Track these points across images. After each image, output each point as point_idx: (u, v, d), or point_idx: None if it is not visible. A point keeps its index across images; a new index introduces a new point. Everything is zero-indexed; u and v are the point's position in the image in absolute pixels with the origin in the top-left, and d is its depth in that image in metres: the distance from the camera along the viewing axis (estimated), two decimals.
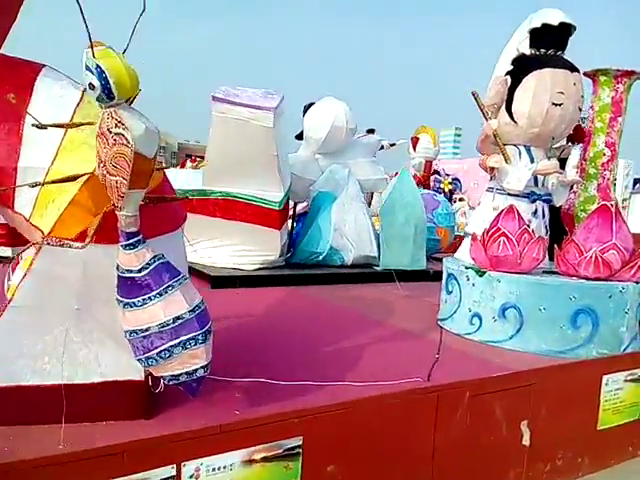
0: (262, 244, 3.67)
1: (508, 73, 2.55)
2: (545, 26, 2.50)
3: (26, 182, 1.34)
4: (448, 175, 7.65)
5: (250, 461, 1.48)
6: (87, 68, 1.17)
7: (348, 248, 4.04)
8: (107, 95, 1.18)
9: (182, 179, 3.86)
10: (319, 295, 3.36)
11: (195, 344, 1.34)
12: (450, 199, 6.73)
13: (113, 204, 1.28)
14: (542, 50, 2.51)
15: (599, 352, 2.26)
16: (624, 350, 2.32)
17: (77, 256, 1.34)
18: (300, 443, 1.55)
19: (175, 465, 1.37)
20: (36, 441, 1.29)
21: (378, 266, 4.07)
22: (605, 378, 2.25)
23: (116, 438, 1.32)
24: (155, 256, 1.34)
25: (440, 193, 6.34)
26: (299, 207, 4.55)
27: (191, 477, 1.39)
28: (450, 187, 7.28)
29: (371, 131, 4.73)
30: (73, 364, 1.39)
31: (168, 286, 1.33)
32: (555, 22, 2.48)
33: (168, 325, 1.31)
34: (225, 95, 3.41)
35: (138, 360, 1.34)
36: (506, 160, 2.55)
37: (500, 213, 2.44)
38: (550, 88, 2.42)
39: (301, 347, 2.29)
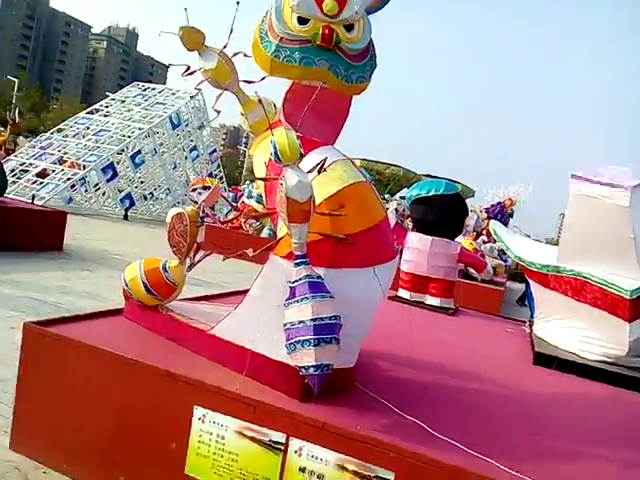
0: (607, 334, 3.24)
1: None
2: None
3: None
4: None
5: (343, 467, 1.70)
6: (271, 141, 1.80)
7: None
8: (277, 159, 1.77)
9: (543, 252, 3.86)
10: None
11: (308, 345, 1.72)
12: None
13: (287, 233, 1.85)
14: None
15: None
16: None
17: (280, 267, 1.96)
18: (392, 478, 1.64)
19: (285, 435, 1.77)
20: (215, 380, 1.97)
21: None
22: None
23: (258, 394, 1.85)
24: (308, 274, 1.81)
25: None
26: None
27: (295, 452, 1.76)
28: None
29: None
30: (269, 343, 2.00)
31: (304, 297, 1.77)
32: None
33: (294, 325, 1.76)
34: (584, 174, 3.31)
35: (287, 346, 1.83)
36: None
37: None
38: None
39: (525, 430, 2.13)
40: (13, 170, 13.73)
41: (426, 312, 4.56)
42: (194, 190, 2.45)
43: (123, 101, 17.58)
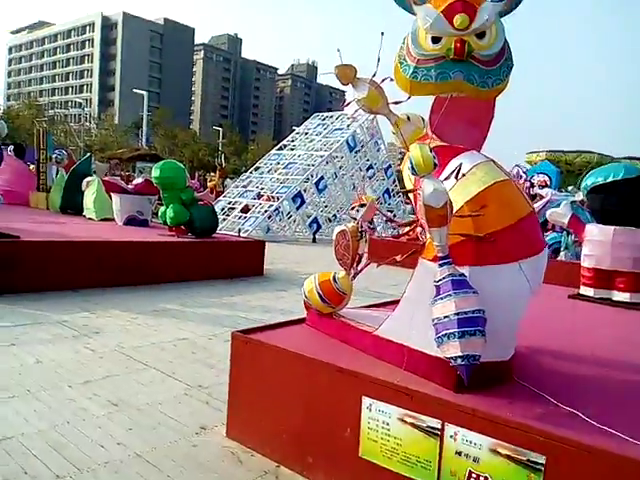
0: None
1: None
2: None
3: None
4: None
5: (496, 451, 1.82)
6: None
7: None
8: (413, 172, 1.99)
9: None
10: None
11: (454, 338, 1.89)
12: None
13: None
14: None
15: None
16: None
17: (429, 269, 2.16)
18: (543, 461, 1.71)
19: (441, 421, 1.95)
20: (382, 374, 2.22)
21: None
22: None
23: (414, 385, 2.06)
24: (451, 273, 1.99)
25: None
26: None
27: (451, 437, 1.92)
28: None
29: None
30: (423, 339, 2.20)
31: (447, 294, 1.95)
32: None
33: (440, 320, 1.95)
34: None
35: (435, 340, 2.01)
36: None
37: None
38: None
39: None
40: (223, 209, 15.92)
41: (613, 309, 4.23)
42: (353, 208, 2.78)
43: (306, 133, 19.18)
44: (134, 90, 44.91)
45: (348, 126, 17.56)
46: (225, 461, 2.46)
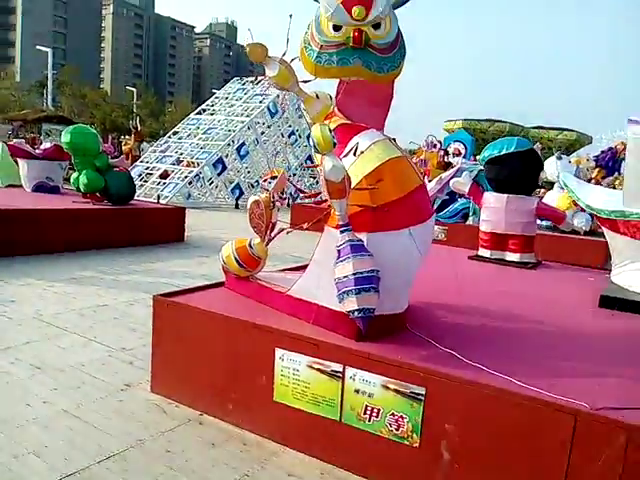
0: None
1: None
2: None
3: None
4: None
5: (386, 387, 2.16)
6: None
7: None
8: (315, 150, 2.24)
9: (602, 198, 3.92)
10: None
11: (351, 294, 2.20)
12: None
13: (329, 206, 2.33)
14: None
15: None
16: None
17: (332, 235, 2.44)
18: (423, 392, 2.08)
19: (342, 365, 2.27)
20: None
21: None
22: None
23: (321, 336, 2.36)
24: (350, 239, 2.27)
25: None
26: None
27: (350, 378, 2.25)
28: None
29: None
30: (329, 296, 2.49)
31: (347, 257, 2.24)
32: None
33: (340, 280, 2.24)
34: None
35: (337, 297, 2.31)
36: None
37: None
38: None
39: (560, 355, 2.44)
40: (140, 174, 15.48)
41: (505, 268, 4.79)
42: (265, 180, 2.99)
43: (226, 97, 18.84)
44: (38, 47, 41.46)
45: (268, 91, 17.44)
46: (150, 412, 2.67)
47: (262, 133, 17.74)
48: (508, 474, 1.94)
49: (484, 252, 5.06)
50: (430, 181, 9.35)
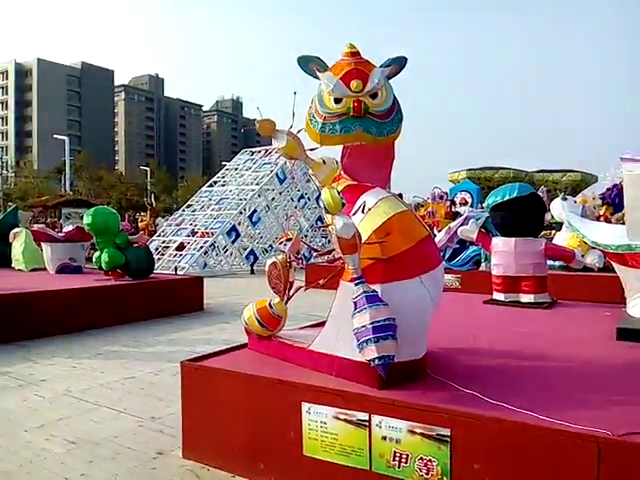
0: None
1: None
2: None
3: None
4: None
5: (412, 431, 2.22)
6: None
7: None
8: (325, 211, 2.41)
9: (608, 234, 4.01)
10: None
11: (370, 343, 2.30)
12: None
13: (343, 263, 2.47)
14: None
15: None
16: None
17: (348, 289, 2.56)
18: (448, 433, 2.13)
19: (368, 414, 2.34)
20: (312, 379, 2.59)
21: None
22: None
23: (345, 387, 2.44)
24: (364, 291, 2.40)
25: None
26: None
27: (377, 425, 2.31)
28: None
29: None
30: (349, 348, 2.59)
31: (363, 308, 2.36)
32: None
33: (359, 330, 2.35)
34: (633, 155, 3.53)
35: (357, 347, 2.41)
36: None
37: None
38: None
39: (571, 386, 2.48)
40: (157, 248, 15.86)
41: (520, 310, 4.83)
42: (281, 242, 3.17)
43: (236, 168, 19.53)
44: (55, 136, 43.54)
45: (276, 160, 18.07)
46: (184, 477, 2.72)
47: (272, 199, 18.21)
48: None
49: (498, 296, 5.13)
50: (439, 231, 9.51)
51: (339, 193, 2.43)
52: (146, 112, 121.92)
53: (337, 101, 2.66)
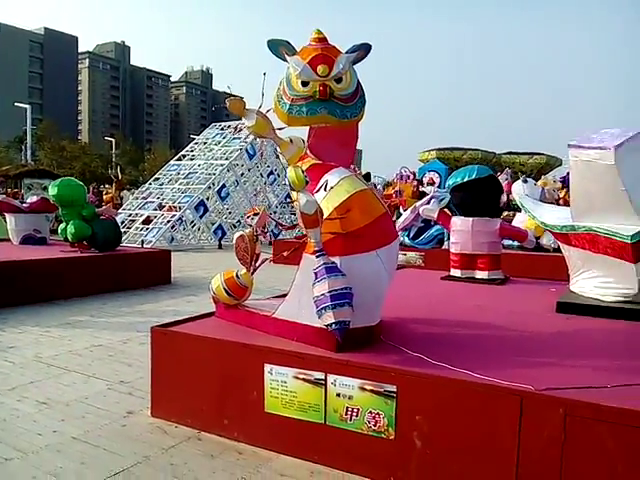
0: (619, 277, 3.69)
1: None
2: None
3: None
4: None
5: (363, 388, 2.46)
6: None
7: None
8: (290, 188, 2.59)
9: (555, 215, 4.33)
10: None
11: (328, 310, 2.51)
12: None
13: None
14: None
15: None
16: None
17: (310, 261, 2.76)
18: (395, 389, 2.38)
19: (324, 373, 2.56)
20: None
21: None
22: None
23: (305, 350, 2.66)
24: (324, 262, 2.60)
25: None
26: None
27: (332, 383, 2.54)
28: None
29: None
30: (309, 315, 2.80)
31: (323, 278, 2.56)
32: None
33: (318, 297, 2.56)
34: (578, 141, 3.80)
35: (316, 313, 2.62)
36: None
37: None
38: None
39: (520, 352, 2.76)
40: (123, 222, 15.73)
41: (476, 285, 5.14)
42: (248, 217, 3.33)
43: (205, 142, 19.37)
44: (15, 104, 41.87)
45: (246, 137, 18.00)
46: (153, 433, 2.92)
47: (242, 174, 18.21)
48: (470, 454, 2.23)
49: (455, 272, 5.43)
50: (405, 210, 9.78)
51: (303, 172, 2.61)
52: (111, 81, 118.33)
53: (304, 84, 2.82)
